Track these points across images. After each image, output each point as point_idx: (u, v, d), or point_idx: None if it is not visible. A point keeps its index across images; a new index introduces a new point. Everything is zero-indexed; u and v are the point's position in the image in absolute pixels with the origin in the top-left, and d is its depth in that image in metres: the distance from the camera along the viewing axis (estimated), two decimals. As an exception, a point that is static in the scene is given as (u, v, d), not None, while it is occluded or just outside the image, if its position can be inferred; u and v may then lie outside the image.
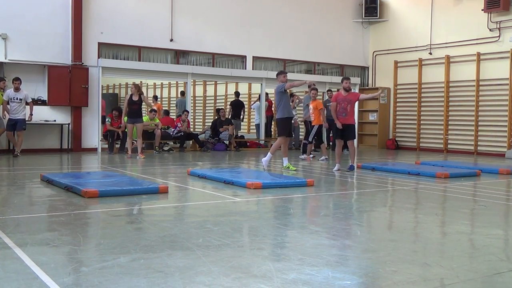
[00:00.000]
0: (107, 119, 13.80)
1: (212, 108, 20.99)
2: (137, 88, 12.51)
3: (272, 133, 18.13)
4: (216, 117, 16.49)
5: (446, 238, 4.75)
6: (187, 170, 9.04)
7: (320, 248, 4.12)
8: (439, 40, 16.60)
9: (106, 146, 13.80)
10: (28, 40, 13.20)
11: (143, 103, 12.90)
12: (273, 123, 17.56)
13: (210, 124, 16.82)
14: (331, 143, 16.05)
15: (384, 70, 18.39)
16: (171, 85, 22.27)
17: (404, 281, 3.31)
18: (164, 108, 19.03)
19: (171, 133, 14.96)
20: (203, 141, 15.42)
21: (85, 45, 13.84)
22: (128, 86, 22.36)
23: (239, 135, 16.82)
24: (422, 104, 17.21)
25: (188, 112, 15.31)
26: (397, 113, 18.04)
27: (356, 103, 17.59)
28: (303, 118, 13.98)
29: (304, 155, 12.75)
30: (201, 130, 18.08)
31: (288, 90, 13.71)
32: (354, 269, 3.59)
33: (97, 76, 14.01)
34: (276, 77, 10.28)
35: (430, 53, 16.86)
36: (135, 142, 12.64)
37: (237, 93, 17.82)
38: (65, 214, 5.35)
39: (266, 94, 17.00)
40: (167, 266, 3.51)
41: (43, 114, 13.41)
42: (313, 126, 12.53)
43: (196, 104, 21.66)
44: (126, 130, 12.69)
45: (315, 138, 12.67)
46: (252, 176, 8.22)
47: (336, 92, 11.21)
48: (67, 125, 13.56)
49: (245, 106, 18.10)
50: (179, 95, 19.27)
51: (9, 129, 12.19)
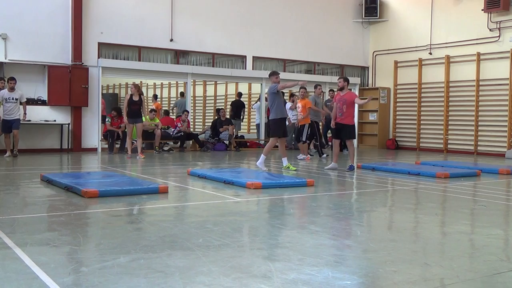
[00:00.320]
0: (107, 119, 13.80)
1: (212, 108, 20.99)
2: (137, 88, 12.51)
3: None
4: (216, 117, 16.48)
5: (446, 238, 4.75)
6: (187, 170, 9.04)
7: (320, 248, 4.12)
8: (439, 40, 16.60)
9: (106, 146, 13.81)
10: (28, 40, 13.19)
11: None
12: None
13: (210, 124, 16.82)
14: (330, 143, 16.04)
15: (384, 70, 18.39)
16: (171, 85, 22.27)
17: (404, 281, 3.31)
18: (164, 108, 19.03)
19: (171, 133, 14.96)
20: (203, 141, 15.42)
21: (85, 45, 13.84)
22: (128, 86, 22.37)
23: (239, 135, 16.82)
24: (422, 104, 17.21)
25: (188, 112, 15.31)
26: (397, 113, 18.04)
27: (356, 104, 17.86)
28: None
29: (302, 155, 12.76)
30: (201, 130, 18.08)
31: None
32: (354, 269, 3.59)
33: (97, 76, 14.02)
34: (269, 78, 10.27)
35: (430, 53, 16.86)
36: (135, 142, 12.64)
37: (240, 94, 17.81)
38: (65, 214, 5.35)
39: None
40: (167, 266, 3.51)
41: (43, 114, 13.42)
42: (303, 126, 12.61)
43: (196, 104, 21.66)
44: (126, 130, 12.69)
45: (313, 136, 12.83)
46: (252, 176, 8.21)
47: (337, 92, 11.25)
48: (67, 125, 13.57)
49: (245, 106, 18.11)
50: (179, 96, 19.29)
51: (6, 131, 11.88)
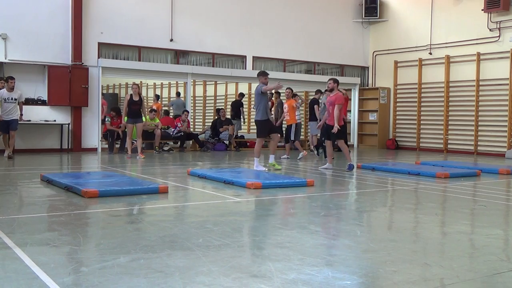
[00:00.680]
0: (107, 119, 13.80)
1: (212, 108, 20.99)
2: (138, 89, 12.51)
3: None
4: (216, 117, 16.48)
5: (446, 238, 4.75)
6: (187, 170, 9.04)
7: (320, 248, 4.12)
8: (439, 40, 16.60)
9: (106, 146, 13.81)
10: (28, 40, 13.20)
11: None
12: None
13: (210, 124, 16.82)
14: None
15: (384, 70, 18.39)
16: (171, 85, 22.27)
17: (404, 281, 3.31)
18: (165, 108, 19.04)
19: (171, 133, 14.96)
20: (203, 141, 15.41)
21: (85, 45, 13.84)
22: (128, 86, 22.37)
23: (239, 135, 16.82)
24: (422, 104, 17.21)
25: (188, 112, 15.32)
26: (397, 113, 18.04)
27: (356, 104, 17.86)
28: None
29: (302, 154, 12.82)
30: (201, 130, 18.08)
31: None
32: (354, 269, 3.58)
33: (97, 76, 14.02)
34: (257, 78, 10.26)
35: (430, 53, 16.86)
36: (135, 142, 12.64)
37: (241, 94, 17.79)
38: (65, 214, 5.35)
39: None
40: (167, 266, 3.51)
41: (43, 114, 13.42)
42: (290, 125, 12.76)
43: (196, 104, 21.66)
44: (126, 130, 12.69)
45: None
46: (252, 176, 8.21)
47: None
48: (67, 125, 13.57)
49: (243, 106, 18.08)
50: (175, 96, 19.33)
51: (4, 131, 11.51)
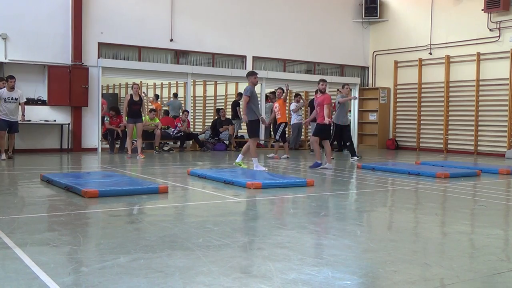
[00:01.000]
0: (106, 118, 13.81)
1: (212, 108, 20.99)
2: (138, 89, 12.52)
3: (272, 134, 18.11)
4: (216, 117, 16.48)
5: (446, 238, 4.75)
6: (187, 170, 9.04)
7: (320, 248, 4.12)
8: (439, 40, 16.60)
9: (107, 146, 13.82)
10: (28, 40, 13.19)
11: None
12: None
13: (210, 124, 16.82)
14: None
15: (384, 70, 18.38)
16: (171, 85, 22.28)
17: (404, 281, 3.31)
18: (164, 108, 19.04)
19: (171, 133, 14.96)
20: (203, 141, 15.42)
21: (85, 45, 13.84)
22: (128, 86, 22.37)
23: (239, 135, 16.82)
24: (422, 104, 17.21)
25: (188, 112, 15.32)
26: (397, 113, 18.04)
27: (356, 104, 17.80)
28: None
29: (275, 155, 12.91)
30: (201, 130, 18.07)
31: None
32: (354, 269, 3.58)
33: (97, 76, 14.02)
34: (247, 78, 10.26)
35: (430, 53, 16.86)
36: (135, 142, 12.64)
37: (241, 94, 17.79)
38: (65, 214, 5.35)
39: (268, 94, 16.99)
40: (167, 266, 3.51)
41: (43, 114, 13.42)
42: (280, 125, 12.93)
43: (196, 104, 21.66)
44: (126, 130, 12.69)
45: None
46: (252, 176, 8.21)
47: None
48: (67, 125, 13.56)
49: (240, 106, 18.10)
50: (172, 97, 19.35)
51: (4, 129, 11.03)
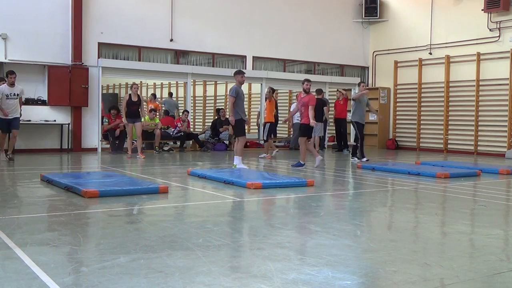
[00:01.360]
0: (104, 119, 13.81)
1: (212, 108, 20.98)
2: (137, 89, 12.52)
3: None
4: (216, 117, 16.48)
5: (446, 238, 4.75)
6: (187, 170, 9.04)
7: (320, 248, 4.12)
8: (439, 40, 16.60)
9: (107, 146, 13.83)
10: (28, 40, 13.19)
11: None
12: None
13: (210, 124, 16.81)
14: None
15: (384, 70, 18.38)
16: (171, 85, 22.27)
17: (404, 281, 3.31)
18: (164, 108, 19.03)
19: (171, 133, 14.96)
20: (203, 141, 15.41)
21: (85, 45, 13.84)
22: (128, 86, 22.34)
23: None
24: (422, 104, 17.20)
25: (188, 112, 15.31)
26: (397, 113, 18.04)
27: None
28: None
29: (266, 154, 12.90)
30: (201, 130, 18.07)
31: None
32: (354, 269, 3.58)
33: (97, 76, 14.02)
34: (234, 76, 10.27)
35: (430, 53, 16.85)
36: (135, 142, 12.65)
37: None
38: (65, 214, 5.35)
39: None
40: (167, 266, 3.51)
41: (43, 114, 13.42)
42: (265, 124, 13.19)
43: (196, 104, 21.65)
44: (126, 130, 12.68)
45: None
46: (252, 176, 8.21)
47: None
48: (67, 125, 13.56)
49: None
50: (167, 96, 19.35)
51: (5, 131, 10.79)
